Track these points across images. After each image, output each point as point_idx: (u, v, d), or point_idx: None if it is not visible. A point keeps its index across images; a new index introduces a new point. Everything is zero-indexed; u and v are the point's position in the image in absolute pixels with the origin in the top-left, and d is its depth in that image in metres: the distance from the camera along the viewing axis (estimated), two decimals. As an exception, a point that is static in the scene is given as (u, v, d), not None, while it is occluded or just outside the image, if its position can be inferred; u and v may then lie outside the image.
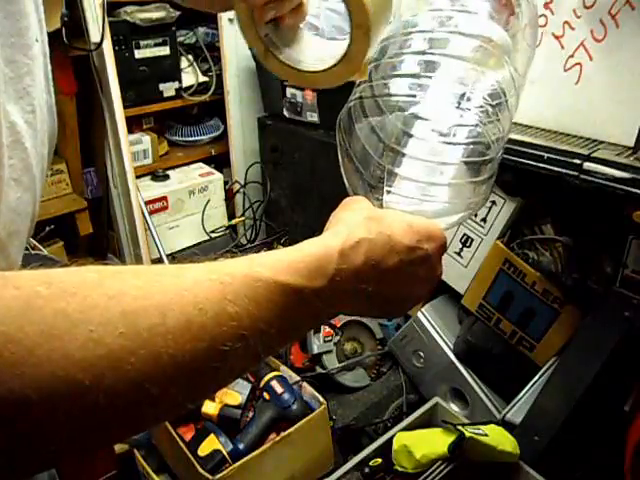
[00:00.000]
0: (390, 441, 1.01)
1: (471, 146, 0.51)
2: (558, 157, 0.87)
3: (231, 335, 0.29)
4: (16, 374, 0.23)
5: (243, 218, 2.10)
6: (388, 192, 0.50)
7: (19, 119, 0.35)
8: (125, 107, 1.69)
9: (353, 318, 1.44)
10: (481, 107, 0.49)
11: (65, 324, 0.25)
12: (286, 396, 1.16)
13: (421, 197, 0.51)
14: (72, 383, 0.24)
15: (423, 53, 0.50)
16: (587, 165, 0.84)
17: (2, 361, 0.23)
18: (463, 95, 0.49)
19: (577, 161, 0.85)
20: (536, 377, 1.10)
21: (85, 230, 1.83)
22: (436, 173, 0.51)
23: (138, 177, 1.84)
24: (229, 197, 2.13)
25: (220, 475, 1.00)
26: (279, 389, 1.18)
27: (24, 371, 0.23)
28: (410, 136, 0.51)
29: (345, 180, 0.55)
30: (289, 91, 1.74)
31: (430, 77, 0.50)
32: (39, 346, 0.24)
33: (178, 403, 0.29)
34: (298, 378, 1.25)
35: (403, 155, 0.51)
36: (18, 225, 0.36)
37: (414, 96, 0.51)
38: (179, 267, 0.32)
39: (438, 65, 0.50)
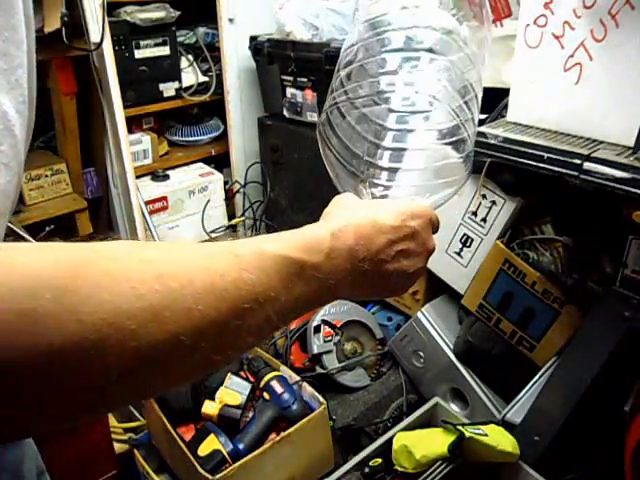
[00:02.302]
0: (390, 441, 1.02)
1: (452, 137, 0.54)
2: (558, 157, 0.87)
3: (248, 298, 0.34)
4: (74, 319, 0.26)
5: (243, 218, 2.10)
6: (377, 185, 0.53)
7: (10, 109, 0.36)
8: (125, 107, 1.69)
9: (353, 318, 1.44)
10: (458, 105, 0.52)
11: (110, 282, 0.29)
12: (286, 396, 1.16)
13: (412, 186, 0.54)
14: (121, 329, 0.28)
15: (401, 50, 0.52)
16: (587, 165, 0.84)
17: (63, 308, 0.26)
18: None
19: (577, 161, 0.85)
20: (536, 377, 1.10)
21: (85, 230, 1.83)
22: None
23: (138, 177, 1.84)
24: (229, 197, 2.13)
25: (220, 475, 1.00)
26: (279, 389, 1.17)
27: (82, 318, 0.27)
28: (387, 130, 0.54)
29: (334, 181, 0.57)
30: (289, 91, 1.74)
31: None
32: (92, 297, 0.27)
33: (208, 356, 0.33)
34: (298, 378, 1.24)
35: (385, 149, 0.54)
36: (6, 207, 0.38)
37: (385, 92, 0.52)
38: (193, 243, 0.37)
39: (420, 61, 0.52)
